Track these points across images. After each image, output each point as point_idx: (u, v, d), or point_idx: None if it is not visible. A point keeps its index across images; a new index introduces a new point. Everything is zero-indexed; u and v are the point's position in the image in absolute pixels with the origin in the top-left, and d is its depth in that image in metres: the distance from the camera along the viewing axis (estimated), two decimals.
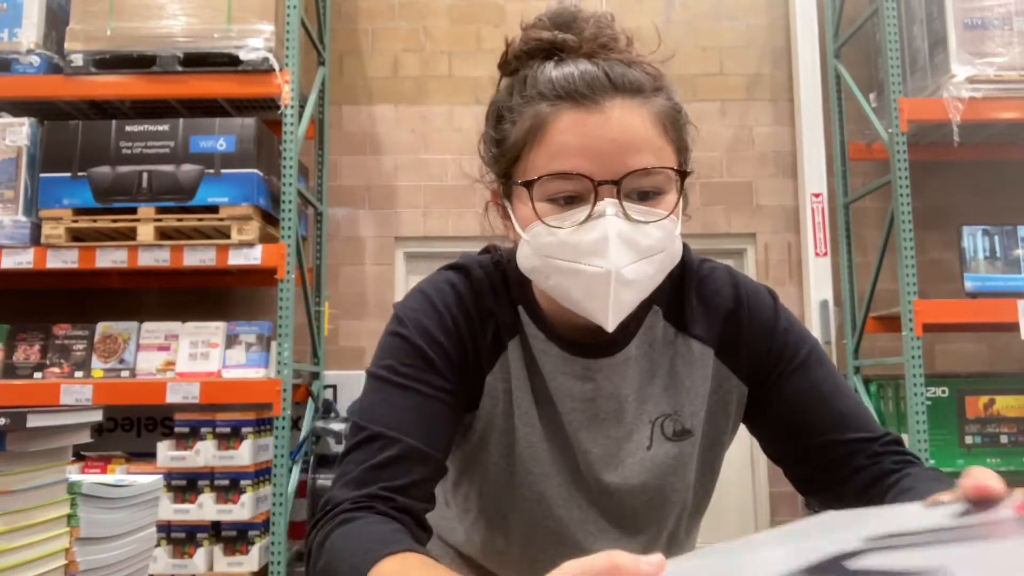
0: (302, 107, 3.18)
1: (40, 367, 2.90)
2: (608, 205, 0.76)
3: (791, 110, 3.76)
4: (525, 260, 0.83)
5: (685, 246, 0.94)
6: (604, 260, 0.76)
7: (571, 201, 0.78)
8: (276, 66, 2.89)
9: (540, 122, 0.79)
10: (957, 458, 3.08)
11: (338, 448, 3.28)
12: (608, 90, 0.77)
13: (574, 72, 0.78)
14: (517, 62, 0.84)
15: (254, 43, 2.89)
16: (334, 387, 3.61)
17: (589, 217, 0.76)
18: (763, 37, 3.82)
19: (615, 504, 0.90)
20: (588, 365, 0.88)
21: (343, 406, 3.57)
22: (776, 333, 0.91)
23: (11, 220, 2.81)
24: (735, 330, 0.90)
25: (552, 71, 0.79)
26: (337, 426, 3.29)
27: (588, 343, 0.88)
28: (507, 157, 0.83)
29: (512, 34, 0.87)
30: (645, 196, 0.78)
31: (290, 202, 2.95)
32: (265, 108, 3.20)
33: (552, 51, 0.81)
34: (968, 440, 3.09)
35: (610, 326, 0.78)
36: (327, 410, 3.50)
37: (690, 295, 0.92)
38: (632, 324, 0.88)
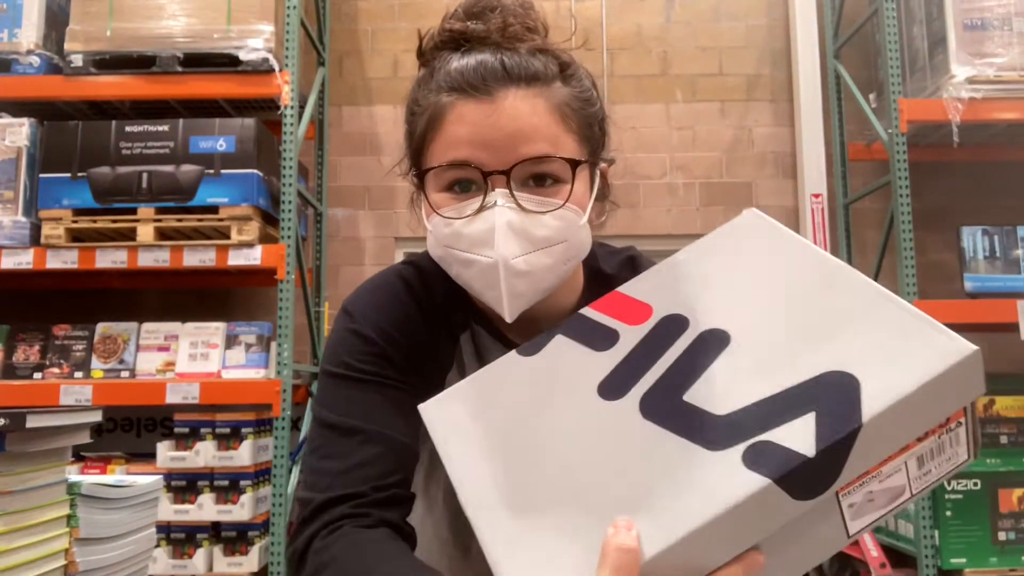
0: (302, 107, 3.18)
1: (40, 367, 2.90)
2: (498, 196, 0.76)
3: (791, 111, 3.76)
4: (432, 250, 0.84)
5: (638, 257, 0.95)
6: (492, 250, 0.75)
7: (467, 190, 0.79)
8: (276, 67, 2.89)
9: (437, 113, 0.80)
10: None
11: None
12: (502, 80, 0.78)
13: (470, 63, 0.79)
14: (431, 52, 0.87)
15: (254, 43, 2.89)
16: None
17: (481, 208, 0.77)
18: (763, 38, 3.82)
19: None
20: None
21: None
22: None
23: (11, 220, 2.81)
24: None
25: (454, 63, 0.81)
26: None
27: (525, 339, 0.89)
28: (413, 149, 0.85)
29: None
30: (541, 182, 0.78)
31: (290, 202, 2.95)
32: (265, 108, 3.20)
33: (461, 41, 0.83)
34: None
35: (507, 315, 0.77)
36: None
37: None
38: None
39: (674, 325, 0.68)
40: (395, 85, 3.78)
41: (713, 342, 0.64)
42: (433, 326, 0.89)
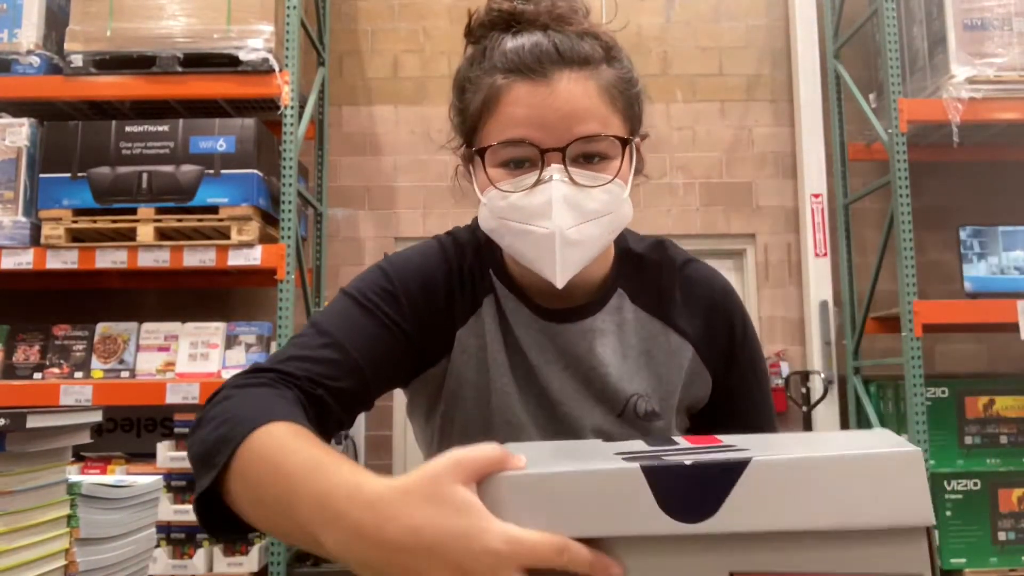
0: (302, 107, 3.18)
1: (40, 368, 2.90)
2: (554, 171, 0.81)
3: (791, 111, 3.76)
4: (484, 222, 0.89)
5: (666, 241, 1.01)
6: (549, 221, 0.81)
7: (521, 166, 0.84)
8: (276, 67, 2.89)
9: (494, 94, 0.84)
10: (957, 458, 3.08)
11: (338, 448, 3.28)
12: (556, 63, 0.82)
13: (525, 45, 0.83)
14: (480, 31, 0.90)
15: (254, 44, 2.89)
16: None
17: (537, 182, 0.82)
18: (763, 38, 3.82)
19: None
20: (553, 328, 0.93)
21: None
22: (745, 344, 0.98)
23: (11, 221, 2.81)
24: (715, 329, 0.96)
25: (507, 43, 0.85)
26: None
27: (554, 308, 0.93)
28: (467, 126, 0.89)
29: None
30: (591, 161, 0.83)
31: (290, 203, 2.95)
32: (265, 108, 3.20)
33: (511, 21, 0.86)
34: (968, 440, 3.09)
35: (559, 282, 0.83)
36: None
37: (672, 288, 0.96)
38: (596, 300, 0.94)
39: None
40: (395, 85, 3.78)
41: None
42: (459, 288, 0.94)
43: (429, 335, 0.91)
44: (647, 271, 0.97)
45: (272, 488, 0.64)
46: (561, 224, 0.81)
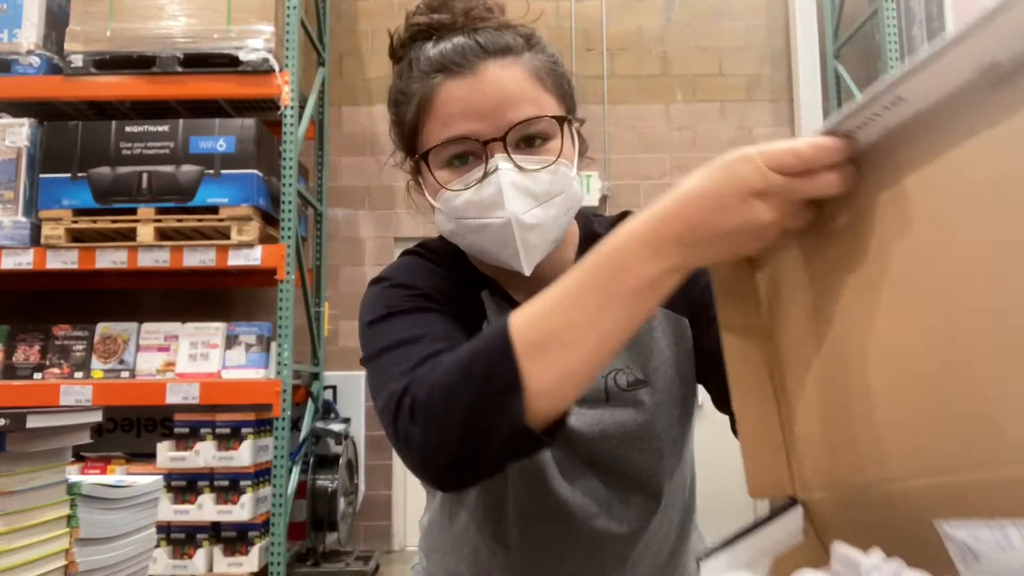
0: (302, 108, 3.18)
1: (40, 368, 2.90)
2: (499, 160, 0.81)
3: (791, 111, 3.77)
4: (442, 226, 0.89)
5: (631, 213, 0.97)
6: (503, 210, 0.81)
7: (465, 162, 0.84)
8: (276, 67, 2.89)
9: (426, 96, 0.85)
10: None
11: (338, 448, 3.28)
12: (480, 55, 0.83)
13: (448, 46, 0.85)
14: (403, 49, 0.91)
15: (254, 44, 2.89)
16: (334, 388, 3.61)
17: (485, 175, 0.82)
18: (763, 38, 3.82)
19: (582, 449, 0.91)
20: None
21: (343, 407, 3.57)
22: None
23: (11, 221, 2.81)
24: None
25: (431, 50, 0.86)
26: (337, 427, 3.29)
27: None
28: (407, 136, 0.89)
29: None
30: (531, 143, 0.84)
31: (290, 203, 2.95)
32: (265, 109, 3.20)
33: (430, 32, 0.88)
34: None
35: (525, 268, 0.83)
36: (327, 411, 3.50)
37: None
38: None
39: None
40: None
41: None
42: (461, 291, 0.93)
43: (462, 317, 0.87)
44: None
45: (563, 302, 0.63)
46: (515, 210, 0.81)
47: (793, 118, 3.76)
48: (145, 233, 2.79)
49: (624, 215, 0.97)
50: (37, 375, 2.89)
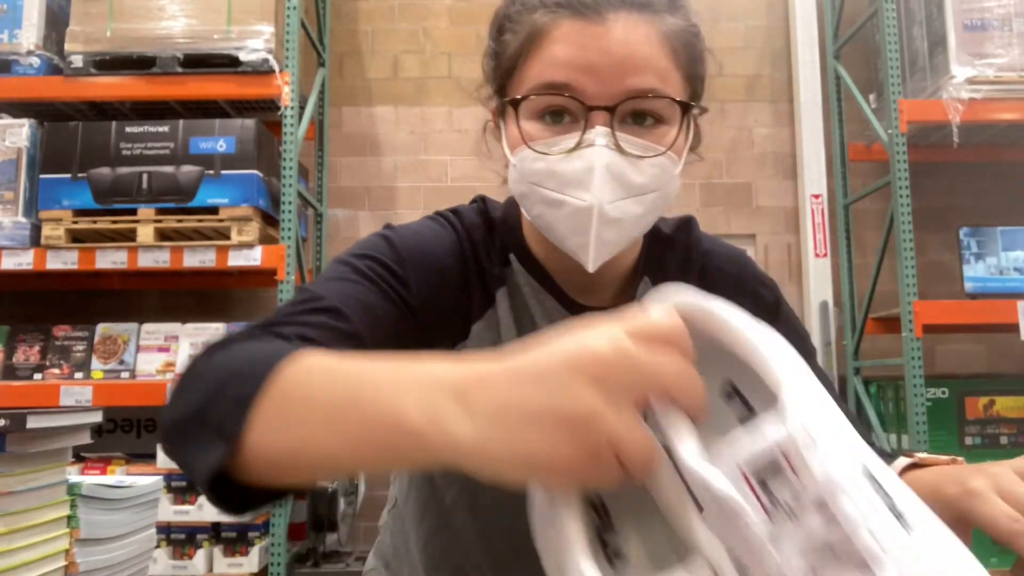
0: (302, 108, 3.18)
1: (40, 368, 2.90)
2: (599, 134, 0.70)
3: (791, 111, 3.76)
4: (514, 186, 0.77)
5: (693, 220, 0.91)
6: (588, 193, 0.70)
7: (560, 120, 0.72)
8: (276, 67, 2.89)
9: (536, 31, 0.73)
10: None
11: None
12: (613, 1, 0.71)
13: None
14: None
15: (254, 44, 2.89)
16: None
17: (578, 145, 0.70)
18: (762, 38, 3.82)
19: None
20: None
21: None
22: (778, 313, 0.87)
23: (11, 221, 2.81)
24: (738, 301, 0.85)
25: None
26: None
27: (585, 304, 0.82)
28: (502, 71, 0.77)
29: None
30: (642, 121, 0.73)
31: (290, 203, 2.95)
32: (265, 109, 3.20)
33: None
34: (968, 441, 3.09)
35: (591, 265, 0.72)
36: None
37: (690, 274, 0.86)
38: (626, 291, 0.83)
39: None
40: (395, 86, 3.78)
41: None
42: (471, 277, 0.82)
43: (439, 318, 0.78)
44: (673, 254, 0.87)
45: (327, 392, 0.50)
46: (602, 197, 0.69)
47: (793, 118, 3.76)
48: (145, 234, 2.79)
49: (688, 220, 0.91)
50: (37, 376, 2.88)
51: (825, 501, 0.38)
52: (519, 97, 0.73)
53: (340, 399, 0.49)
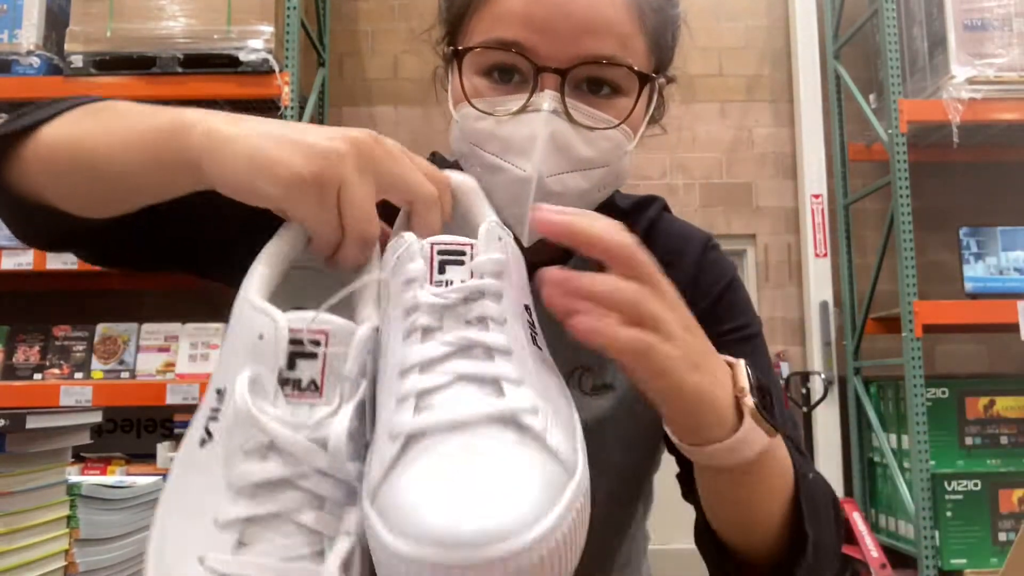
0: (302, 108, 3.18)
1: (40, 368, 2.90)
2: (547, 99, 0.63)
3: (791, 111, 3.77)
4: (456, 144, 0.71)
5: (657, 200, 0.83)
6: (528, 162, 0.63)
7: (509, 79, 0.66)
8: (276, 67, 2.89)
9: None
10: (957, 459, 3.08)
11: None
12: None
13: None
14: None
15: (254, 44, 2.89)
16: None
17: (524, 108, 0.64)
18: (763, 38, 3.82)
19: None
20: None
21: None
22: (722, 301, 0.79)
23: None
24: (683, 284, 0.78)
25: None
26: None
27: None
28: (453, 12, 0.71)
29: None
30: (598, 91, 0.66)
31: None
32: (265, 109, 3.20)
33: None
34: (968, 441, 3.09)
35: (525, 239, 0.65)
36: None
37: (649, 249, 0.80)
38: (564, 259, 0.75)
39: None
40: (395, 86, 3.78)
41: None
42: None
43: None
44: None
45: (122, 107, 0.57)
46: (542, 169, 0.63)
47: (793, 118, 3.76)
48: None
49: (651, 200, 0.83)
50: (37, 376, 2.88)
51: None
52: (464, 48, 0.67)
53: (130, 109, 0.56)
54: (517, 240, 0.60)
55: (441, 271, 0.47)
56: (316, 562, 0.40)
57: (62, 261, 2.80)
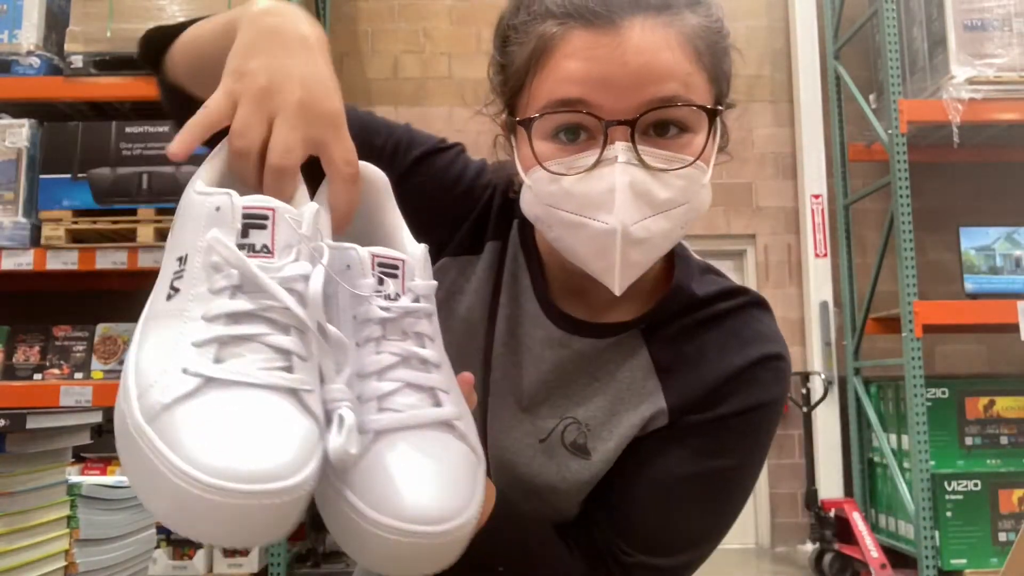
0: None
1: (40, 368, 2.90)
2: (619, 149, 0.63)
3: (791, 111, 3.77)
4: (529, 208, 0.71)
5: (749, 294, 0.78)
6: (610, 215, 0.63)
7: (576, 139, 0.66)
8: None
9: (544, 44, 0.67)
10: (957, 459, 3.08)
11: None
12: (627, 7, 0.64)
13: None
14: None
15: None
16: None
17: (597, 163, 0.64)
18: (763, 39, 3.82)
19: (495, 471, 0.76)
20: (558, 333, 0.75)
21: None
22: (728, 421, 0.74)
23: (11, 222, 2.81)
24: (707, 400, 0.73)
25: None
26: None
27: (575, 318, 0.76)
28: (510, 86, 0.72)
29: None
30: (664, 131, 0.66)
31: None
32: None
33: None
34: (968, 441, 3.09)
35: (617, 289, 0.66)
36: None
37: (684, 336, 0.75)
38: (620, 325, 0.75)
39: None
40: (395, 86, 3.78)
41: None
42: (474, 201, 0.81)
43: (417, 206, 0.71)
44: (686, 320, 0.76)
45: (206, 26, 0.73)
46: (625, 219, 0.63)
47: (793, 118, 3.76)
48: (145, 234, 2.79)
49: (741, 292, 0.78)
50: (37, 376, 2.88)
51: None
52: (530, 117, 0.67)
53: (217, 17, 0.70)
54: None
55: (380, 282, 0.55)
56: (289, 372, 0.48)
57: (62, 261, 2.80)
